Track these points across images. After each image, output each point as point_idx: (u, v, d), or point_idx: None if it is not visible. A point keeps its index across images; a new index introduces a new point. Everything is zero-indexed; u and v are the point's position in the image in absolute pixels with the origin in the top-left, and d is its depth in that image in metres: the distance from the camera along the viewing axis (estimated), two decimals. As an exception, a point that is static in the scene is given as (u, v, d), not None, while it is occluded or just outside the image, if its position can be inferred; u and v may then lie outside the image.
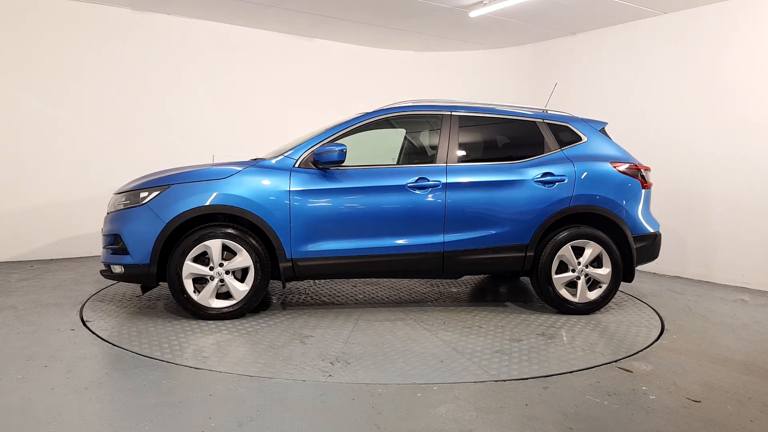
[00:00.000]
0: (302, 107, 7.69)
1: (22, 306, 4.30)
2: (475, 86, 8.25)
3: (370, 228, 4.21)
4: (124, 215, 4.03)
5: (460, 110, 4.56)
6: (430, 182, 4.26)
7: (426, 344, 3.64)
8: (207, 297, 4.00)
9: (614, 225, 4.50)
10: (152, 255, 3.91)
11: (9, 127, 6.00)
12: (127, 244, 3.95)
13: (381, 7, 6.31)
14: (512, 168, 4.44)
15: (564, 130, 4.69)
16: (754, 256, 5.63)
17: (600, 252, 4.43)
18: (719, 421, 2.64)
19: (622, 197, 4.53)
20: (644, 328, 4.13)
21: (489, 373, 3.15)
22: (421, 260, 4.27)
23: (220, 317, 4.01)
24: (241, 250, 3.99)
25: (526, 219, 4.37)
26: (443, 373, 3.14)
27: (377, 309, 4.50)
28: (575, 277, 4.43)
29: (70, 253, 6.38)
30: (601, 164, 4.57)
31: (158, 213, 3.92)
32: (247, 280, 4.04)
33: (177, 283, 3.94)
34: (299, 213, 4.06)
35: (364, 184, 4.20)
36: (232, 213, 4.00)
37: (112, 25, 6.45)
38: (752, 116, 5.60)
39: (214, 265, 3.99)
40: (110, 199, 4.34)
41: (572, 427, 2.53)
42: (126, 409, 2.60)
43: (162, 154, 6.66)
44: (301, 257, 4.10)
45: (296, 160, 4.17)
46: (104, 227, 4.22)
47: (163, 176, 4.15)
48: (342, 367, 3.21)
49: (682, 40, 6.16)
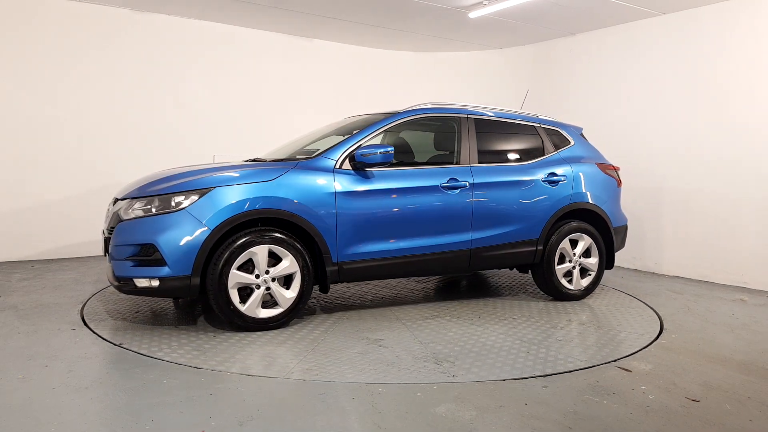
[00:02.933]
0: (302, 107, 7.70)
1: (23, 306, 4.31)
2: (475, 87, 8.26)
3: (409, 228, 4.27)
4: (157, 222, 3.59)
5: (475, 114, 4.79)
6: (460, 182, 4.43)
7: (495, 338, 3.70)
8: (254, 307, 3.74)
9: (600, 219, 5.03)
10: (195, 265, 3.56)
11: (9, 127, 6.01)
12: (165, 254, 3.53)
13: (381, 8, 6.32)
14: (524, 168, 4.80)
15: (556, 134, 5.14)
16: (753, 256, 5.64)
17: (590, 244, 4.95)
18: (718, 420, 2.65)
19: (605, 194, 5.11)
20: (643, 328, 4.14)
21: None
22: (452, 258, 4.44)
23: (268, 328, 3.80)
24: (288, 256, 3.79)
25: (537, 216, 4.75)
26: (534, 366, 3.15)
27: (400, 308, 4.51)
28: (572, 267, 4.90)
29: (71, 252, 6.39)
30: (590, 165, 5.12)
31: (201, 219, 3.58)
32: (293, 286, 3.84)
33: (223, 294, 3.63)
34: (345, 215, 3.98)
35: (403, 184, 4.24)
36: (280, 217, 3.78)
37: (112, 25, 6.45)
38: (752, 116, 5.61)
39: (260, 273, 3.74)
40: (116, 205, 3.89)
41: (571, 426, 2.54)
42: (126, 408, 2.60)
43: (162, 154, 6.66)
44: (347, 260, 4.02)
45: (336, 161, 4.06)
46: (120, 236, 3.68)
47: (199, 178, 3.76)
48: (453, 366, 3.26)
49: (681, 40, 6.16)
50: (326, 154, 4.10)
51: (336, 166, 4.05)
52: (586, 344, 3.74)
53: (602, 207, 5.02)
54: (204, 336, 3.68)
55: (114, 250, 3.69)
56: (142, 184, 3.91)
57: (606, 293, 5.29)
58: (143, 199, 3.72)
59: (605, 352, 3.59)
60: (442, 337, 3.79)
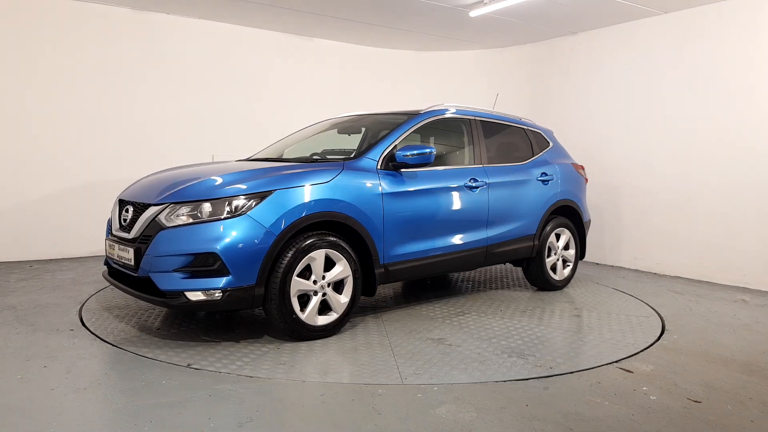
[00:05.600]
0: (302, 107, 7.68)
1: (21, 306, 4.29)
2: (475, 86, 8.24)
3: (443, 227, 4.35)
4: (215, 229, 3.29)
5: (482, 116, 4.96)
6: (479, 182, 4.59)
7: (550, 331, 3.76)
8: (313, 315, 3.59)
9: (576, 214, 5.46)
10: (260, 273, 3.34)
11: (9, 127, 6.00)
12: (228, 263, 3.25)
13: (381, 7, 6.31)
14: (524, 168, 5.07)
15: (538, 135, 5.43)
16: (755, 257, 5.62)
17: (569, 237, 5.37)
18: (720, 421, 2.64)
19: (579, 191, 5.54)
20: (645, 329, 4.13)
21: (489, 373, 3.15)
22: (474, 255, 4.58)
23: (324, 335, 3.65)
24: (341, 260, 3.68)
25: (535, 213, 5.04)
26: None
27: (414, 308, 4.51)
28: (557, 259, 5.29)
29: (69, 253, 6.38)
30: (567, 165, 5.50)
31: (264, 223, 3.35)
32: (345, 291, 3.73)
33: (286, 303, 3.44)
34: (390, 216, 3.94)
35: (437, 185, 4.29)
36: (337, 220, 3.65)
37: (112, 25, 6.44)
38: (752, 115, 5.59)
39: (317, 279, 3.60)
40: (149, 211, 3.48)
41: (573, 427, 2.52)
42: (125, 409, 2.59)
43: (162, 154, 6.65)
44: (391, 261, 3.98)
45: (377, 162, 4.00)
46: (164, 246, 3.32)
47: (257, 180, 3.51)
48: (535, 360, 3.38)
49: (682, 39, 6.15)
50: (367, 154, 4.02)
51: (377, 166, 4.00)
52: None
53: (578, 203, 5.48)
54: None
55: (155, 261, 3.32)
56: (180, 188, 3.53)
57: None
58: (189, 204, 3.39)
59: (606, 352, 3.57)
60: (495, 331, 3.90)
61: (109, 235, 3.93)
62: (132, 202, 3.74)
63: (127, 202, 3.80)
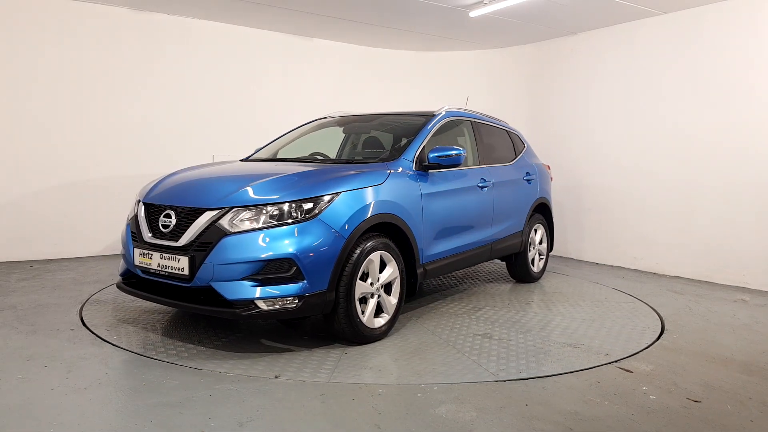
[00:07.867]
0: (302, 107, 7.68)
1: (22, 306, 4.30)
2: (475, 86, 8.24)
3: (466, 225, 4.51)
4: (289, 233, 3.15)
5: (478, 118, 5.12)
6: (487, 182, 4.78)
7: (564, 320, 3.75)
8: (372, 318, 3.54)
9: (548, 210, 5.83)
10: (331, 278, 3.24)
11: (8, 127, 5.99)
12: (304, 268, 3.13)
13: (381, 7, 6.31)
14: (514, 168, 5.32)
15: (515, 137, 5.66)
16: (754, 257, 5.62)
17: (543, 232, 5.77)
18: (719, 421, 2.64)
19: (550, 190, 5.94)
20: (644, 328, 4.13)
21: (489, 373, 3.15)
22: (482, 251, 4.79)
23: (379, 338, 3.61)
24: (392, 261, 3.65)
25: (523, 210, 5.37)
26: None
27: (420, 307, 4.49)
28: (536, 253, 5.66)
29: (70, 253, 6.38)
30: (541, 165, 5.88)
31: (334, 226, 3.26)
32: (393, 292, 3.69)
33: (351, 307, 3.36)
34: (428, 216, 3.97)
35: (461, 185, 4.44)
36: (388, 221, 3.60)
37: (112, 25, 6.44)
38: (752, 115, 5.59)
39: (374, 281, 3.55)
40: (205, 216, 3.21)
41: (572, 427, 2.53)
42: (126, 409, 2.59)
43: (162, 154, 6.66)
44: (428, 261, 4.03)
45: (412, 163, 3.99)
46: (231, 253, 3.10)
47: (324, 181, 3.40)
48: (597, 353, 3.55)
49: (682, 39, 6.15)
50: (404, 155, 4.00)
51: (413, 167, 4.00)
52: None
53: (549, 200, 5.85)
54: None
55: (218, 270, 3.11)
56: (240, 190, 3.31)
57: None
58: (253, 208, 3.20)
59: (606, 352, 3.58)
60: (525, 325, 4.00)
61: (136, 242, 3.52)
62: (172, 206, 3.40)
63: (163, 207, 3.45)
